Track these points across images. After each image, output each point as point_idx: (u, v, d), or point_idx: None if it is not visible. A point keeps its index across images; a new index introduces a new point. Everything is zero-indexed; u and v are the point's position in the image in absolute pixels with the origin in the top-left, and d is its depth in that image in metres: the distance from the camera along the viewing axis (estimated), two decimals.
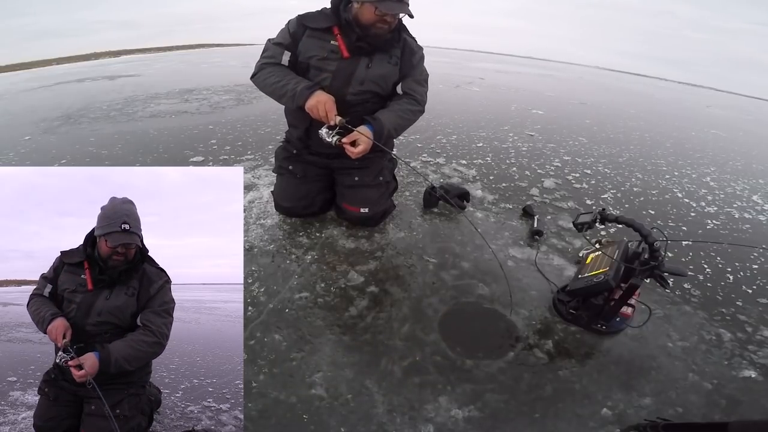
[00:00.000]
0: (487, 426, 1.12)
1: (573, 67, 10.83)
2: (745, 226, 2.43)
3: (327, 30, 1.60)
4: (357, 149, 1.53)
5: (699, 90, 10.38)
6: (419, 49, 1.71)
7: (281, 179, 1.91)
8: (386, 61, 1.64)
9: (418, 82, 1.70)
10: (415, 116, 1.70)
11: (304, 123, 1.71)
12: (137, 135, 3.24)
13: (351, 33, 1.57)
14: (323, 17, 1.61)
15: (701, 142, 4.44)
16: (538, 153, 3.26)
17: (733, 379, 1.32)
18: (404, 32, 1.69)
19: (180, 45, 10.45)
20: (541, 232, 1.98)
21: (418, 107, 1.70)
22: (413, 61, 1.69)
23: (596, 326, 1.43)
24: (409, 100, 1.68)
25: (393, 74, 1.66)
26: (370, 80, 1.61)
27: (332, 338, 1.35)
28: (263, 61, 1.64)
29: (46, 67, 7.76)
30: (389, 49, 1.62)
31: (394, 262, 1.73)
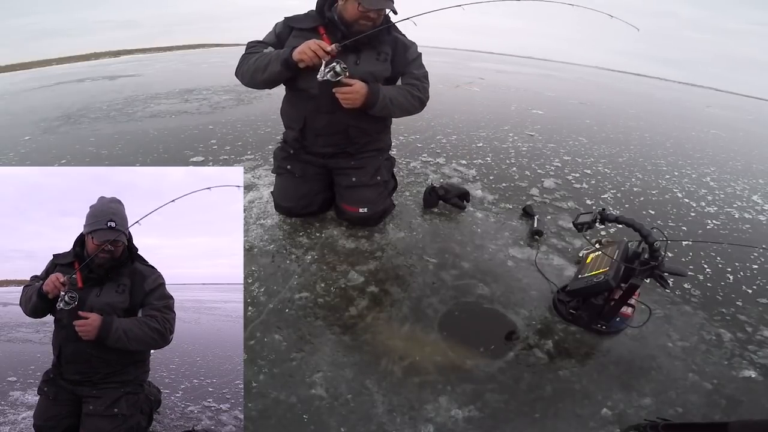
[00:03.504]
0: (487, 426, 1.12)
1: (573, 67, 10.82)
2: (745, 226, 2.43)
3: (312, 30, 1.60)
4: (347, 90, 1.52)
5: (699, 90, 10.37)
6: (413, 44, 1.70)
7: (280, 179, 1.91)
8: (374, 58, 1.62)
9: (417, 77, 1.69)
10: (415, 101, 1.68)
11: (298, 123, 1.71)
12: (137, 135, 3.23)
13: (336, 31, 1.57)
14: (309, 18, 1.62)
15: (701, 142, 4.44)
16: (538, 153, 3.26)
17: (733, 379, 1.32)
18: (395, 31, 1.67)
19: (180, 45, 10.44)
20: (541, 232, 1.98)
21: (418, 94, 1.69)
22: (408, 56, 1.68)
23: (596, 326, 1.43)
24: (411, 87, 1.67)
25: (383, 70, 1.64)
26: (359, 77, 1.58)
27: (332, 338, 1.35)
28: (243, 53, 1.64)
29: (46, 67, 7.75)
30: (377, 45, 1.61)
31: (394, 262, 1.73)
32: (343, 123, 1.67)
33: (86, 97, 4.60)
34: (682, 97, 8.46)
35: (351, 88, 1.53)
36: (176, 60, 8.14)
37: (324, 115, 1.66)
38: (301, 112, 1.70)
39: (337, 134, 1.72)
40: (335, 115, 1.64)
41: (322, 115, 1.66)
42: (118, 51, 9.35)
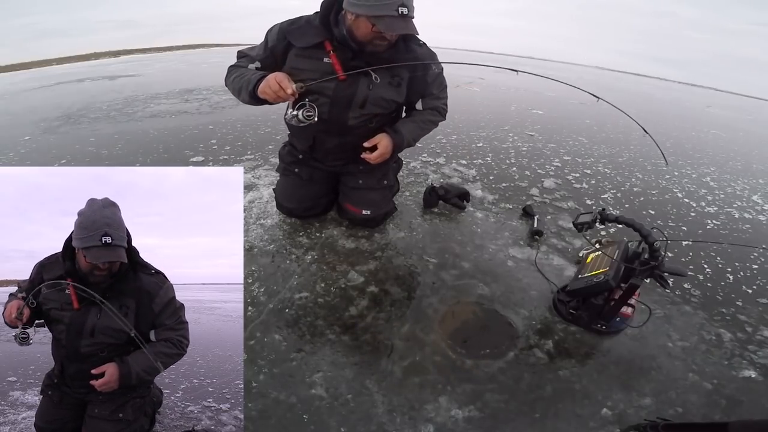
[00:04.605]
0: (487, 426, 1.12)
1: (573, 67, 10.82)
2: (745, 226, 2.43)
3: (318, 46, 1.41)
4: (375, 154, 1.52)
5: (699, 90, 10.37)
6: (433, 59, 1.54)
7: (285, 179, 1.88)
8: (387, 82, 1.49)
9: (438, 97, 1.66)
10: (436, 125, 1.70)
11: (308, 141, 1.68)
12: (137, 135, 3.23)
13: (345, 50, 1.41)
14: (311, 30, 1.41)
15: (701, 142, 4.44)
16: (538, 153, 3.26)
17: (733, 379, 1.32)
18: (412, 43, 1.50)
19: (180, 45, 10.45)
20: (541, 232, 1.98)
21: (440, 118, 1.70)
22: (428, 78, 1.57)
23: (596, 326, 1.43)
24: (432, 112, 1.66)
25: (396, 96, 1.54)
26: (371, 103, 1.50)
27: (332, 338, 1.35)
28: (231, 63, 1.53)
29: (46, 67, 7.75)
30: (392, 67, 1.43)
31: (394, 262, 1.73)
32: (353, 143, 1.61)
33: (86, 97, 4.60)
34: (682, 97, 8.46)
35: (378, 153, 1.52)
36: (176, 60, 8.14)
37: (334, 138, 1.63)
38: (310, 132, 1.62)
39: (347, 152, 1.67)
40: (345, 137, 1.61)
41: (332, 137, 1.63)
42: (118, 51, 9.35)
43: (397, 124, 1.61)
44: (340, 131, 1.58)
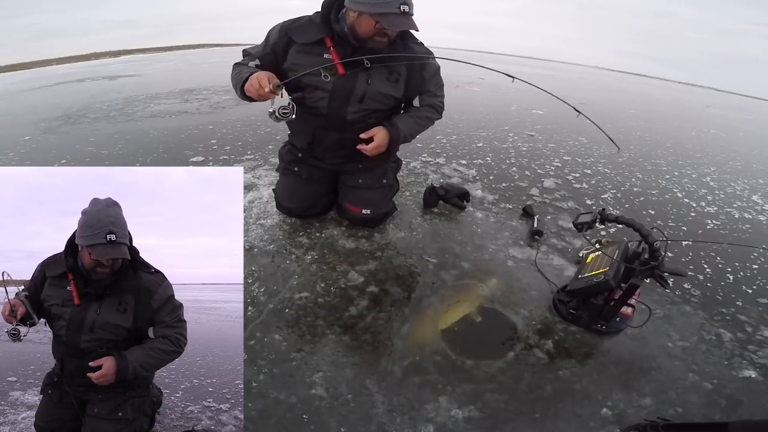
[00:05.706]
0: (487, 426, 1.12)
1: (573, 67, 10.81)
2: (745, 226, 2.43)
3: (318, 43, 1.46)
4: (371, 146, 1.53)
5: (699, 90, 10.36)
6: (429, 56, 1.58)
7: (285, 179, 1.89)
8: (386, 77, 1.53)
9: (435, 95, 1.67)
10: (431, 123, 1.71)
11: (307, 137, 1.70)
12: (137, 135, 3.23)
13: (345, 45, 1.46)
14: (312, 28, 1.46)
15: (701, 142, 4.43)
16: (538, 153, 3.26)
17: (733, 379, 1.32)
18: (410, 41, 1.56)
19: (181, 45, 10.44)
20: (541, 232, 1.98)
21: (437, 116, 1.70)
22: (425, 75, 1.61)
23: (596, 326, 1.43)
24: (429, 108, 1.67)
25: (394, 92, 1.57)
26: (369, 98, 1.53)
27: (332, 338, 1.35)
28: (236, 62, 1.56)
29: (46, 67, 7.75)
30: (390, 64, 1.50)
31: (394, 262, 1.73)
32: (353, 140, 1.61)
33: (86, 97, 4.59)
34: (682, 97, 8.45)
35: (375, 144, 1.53)
36: (176, 60, 8.13)
37: (333, 133, 1.64)
38: (309, 128, 1.66)
39: (347, 149, 1.67)
40: (344, 133, 1.62)
41: (331, 132, 1.64)
42: (118, 51, 9.34)
43: (393, 118, 1.63)
44: (339, 127, 1.60)
